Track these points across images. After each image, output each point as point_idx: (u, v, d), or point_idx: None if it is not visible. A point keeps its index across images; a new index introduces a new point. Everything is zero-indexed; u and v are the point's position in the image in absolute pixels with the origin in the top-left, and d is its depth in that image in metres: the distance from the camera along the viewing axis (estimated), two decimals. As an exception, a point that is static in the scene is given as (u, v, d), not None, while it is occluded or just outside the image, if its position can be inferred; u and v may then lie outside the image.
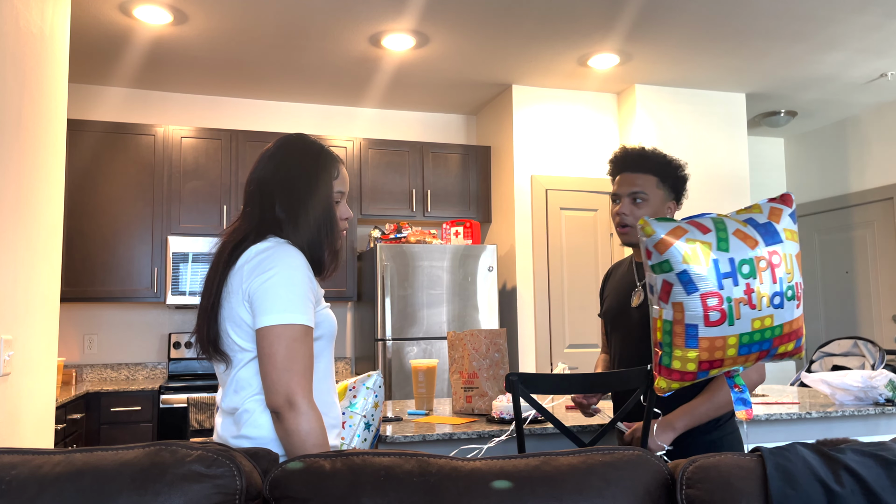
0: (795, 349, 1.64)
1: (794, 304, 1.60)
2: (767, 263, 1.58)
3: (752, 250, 1.59)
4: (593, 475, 1.24)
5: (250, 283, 1.49)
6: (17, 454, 1.22)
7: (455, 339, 2.74)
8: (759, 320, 1.57)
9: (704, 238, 1.60)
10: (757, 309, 1.57)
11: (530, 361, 4.95)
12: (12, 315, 2.19)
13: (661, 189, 2.11)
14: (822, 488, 1.22)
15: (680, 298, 1.58)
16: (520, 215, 5.03)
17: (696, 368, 1.61)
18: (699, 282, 1.57)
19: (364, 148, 5.12)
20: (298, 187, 1.58)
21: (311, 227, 1.58)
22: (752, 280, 1.57)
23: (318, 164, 1.61)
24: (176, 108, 5.17)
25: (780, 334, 1.59)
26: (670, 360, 1.62)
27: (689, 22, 4.09)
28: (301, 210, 1.57)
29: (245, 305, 1.50)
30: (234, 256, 1.53)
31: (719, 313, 1.57)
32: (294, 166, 1.60)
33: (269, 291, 1.47)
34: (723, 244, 1.60)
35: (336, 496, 1.20)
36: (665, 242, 1.60)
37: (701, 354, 1.59)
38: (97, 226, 4.58)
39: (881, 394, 2.77)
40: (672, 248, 1.59)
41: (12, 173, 2.18)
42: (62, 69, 2.68)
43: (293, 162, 1.61)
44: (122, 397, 4.26)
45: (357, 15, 3.93)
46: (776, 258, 1.59)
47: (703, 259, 1.58)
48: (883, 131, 5.64)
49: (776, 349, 1.61)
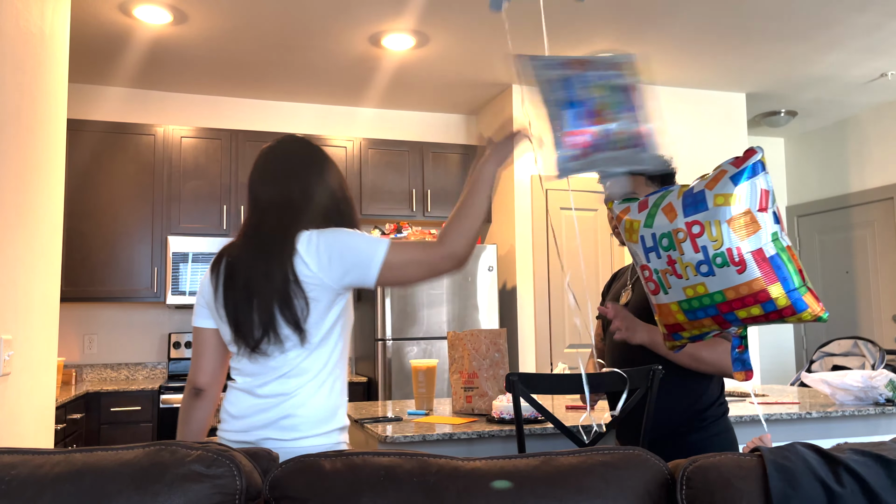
0: (771, 312, 1.62)
1: (732, 269, 1.62)
2: (686, 234, 1.64)
3: (671, 223, 1.65)
4: (593, 475, 1.24)
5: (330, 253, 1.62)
6: (17, 454, 1.22)
7: (455, 339, 2.74)
8: (691, 288, 1.63)
9: (637, 216, 1.70)
10: (684, 278, 1.63)
11: (530, 361, 4.95)
12: (12, 315, 2.19)
13: (650, 186, 2.15)
14: (822, 488, 1.22)
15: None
16: (520, 215, 5.04)
17: (665, 331, 1.69)
18: (636, 256, 1.68)
19: (364, 148, 5.12)
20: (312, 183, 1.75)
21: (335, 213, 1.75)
22: (672, 252, 1.65)
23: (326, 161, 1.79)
24: (176, 108, 5.17)
25: (723, 300, 1.62)
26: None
27: (689, 22, 4.09)
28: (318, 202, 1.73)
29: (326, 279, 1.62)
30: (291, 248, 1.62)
31: (653, 284, 1.66)
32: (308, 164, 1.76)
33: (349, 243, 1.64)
34: (649, 220, 1.68)
35: (336, 496, 1.20)
36: (617, 219, 1.71)
37: (661, 319, 1.67)
38: (97, 226, 4.58)
39: (881, 394, 2.77)
40: (620, 225, 1.71)
41: (12, 173, 2.18)
42: (62, 69, 2.68)
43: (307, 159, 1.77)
44: (122, 397, 4.26)
45: (357, 15, 3.93)
46: (696, 228, 1.64)
47: (635, 236, 1.69)
48: (883, 131, 5.64)
49: (733, 314, 1.64)
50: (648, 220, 1.68)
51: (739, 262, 1.61)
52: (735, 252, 1.62)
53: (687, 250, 1.64)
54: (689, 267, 1.63)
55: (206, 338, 1.75)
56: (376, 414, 2.70)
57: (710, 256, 1.63)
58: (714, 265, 1.63)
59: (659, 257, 1.65)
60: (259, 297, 1.61)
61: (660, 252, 1.65)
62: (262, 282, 1.61)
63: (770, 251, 1.59)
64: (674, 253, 1.65)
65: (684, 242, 1.64)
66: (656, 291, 1.66)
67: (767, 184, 1.64)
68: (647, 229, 1.67)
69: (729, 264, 1.62)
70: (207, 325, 1.75)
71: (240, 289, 1.63)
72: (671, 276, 1.65)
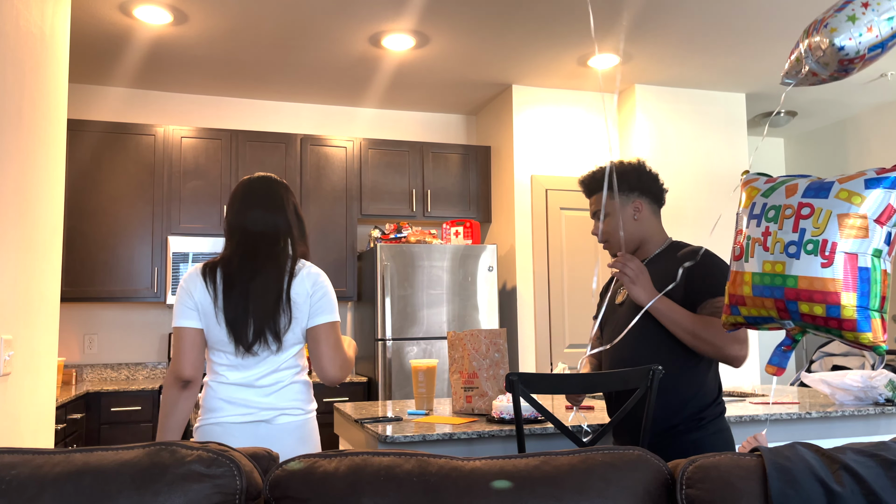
0: (832, 319, 1.58)
1: (818, 260, 1.59)
2: (793, 212, 1.62)
3: (786, 199, 1.65)
4: (593, 475, 1.25)
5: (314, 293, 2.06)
6: (17, 454, 1.23)
7: (455, 339, 2.74)
8: (770, 264, 1.63)
9: (761, 187, 1.72)
10: (770, 252, 1.63)
11: (530, 361, 4.95)
12: (12, 315, 2.19)
13: (614, 199, 2.23)
14: (822, 488, 1.22)
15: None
16: (520, 215, 5.03)
17: (728, 302, 1.68)
18: (739, 221, 1.70)
19: (364, 148, 5.12)
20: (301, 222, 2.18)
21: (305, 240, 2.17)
22: (772, 224, 1.65)
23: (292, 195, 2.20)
24: (176, 108, 5.17)
25: (794, 286, 1.60)
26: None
27: (689, 22, 4.09)
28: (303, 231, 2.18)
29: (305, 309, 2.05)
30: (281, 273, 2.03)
31: (739, 248, 1.66)
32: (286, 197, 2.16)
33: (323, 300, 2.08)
34: (768, 191, 1.69)
35: (336, 496, 1.20)
36: (742, 186, 1.73)
37: (730, 287, 1.67)
38: (97, 226, 4.58)
39: (881, 394, 2.77)
40: (743, 191, 1.73)
41: (12, 173, 2.18)
42: (62, 69, 2.68)
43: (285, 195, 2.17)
44: (122, 397, 4.26)
45: (357, 15, 3.93)
46: (806, 210, 1.62)
47: (748, 202, 1.71)
48: (883, 131, 5.64)
49: (795, 304, 1.61)
50: (768, 191, 1.70)
51: (829, 257, 1.58)
52: (829, 246, 1.59)
53: (786, 227, 1.63)
54: (780, 243, 1.62)
55: (191, 336, 2.03)
56: (376, 414, 2.70)
57: (804, 240, 1.61)
58: (804, 250, 1.60)
59: (758, 226, 1.66)
60: (255, 309, 1.97)
61: (760, 222, 1.67)
62: (260, 297, 1.98)
63: (865, 262, 1.57)
64: (773, 226, 1.64)
65: (788, 219, 1.63)
66: (739, 257, 1.68)
67: None
68: (762, 198, 1.69)
69: (817, 254, 1.59)
70: (194, 326, 2.03)
71: (240, 300, 1.98)
72: (759, 247, 1.65)
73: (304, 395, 2.08)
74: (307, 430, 2.06)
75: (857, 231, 1.57)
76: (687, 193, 5.18)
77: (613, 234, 2.23)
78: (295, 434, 2.02)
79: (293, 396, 2.05)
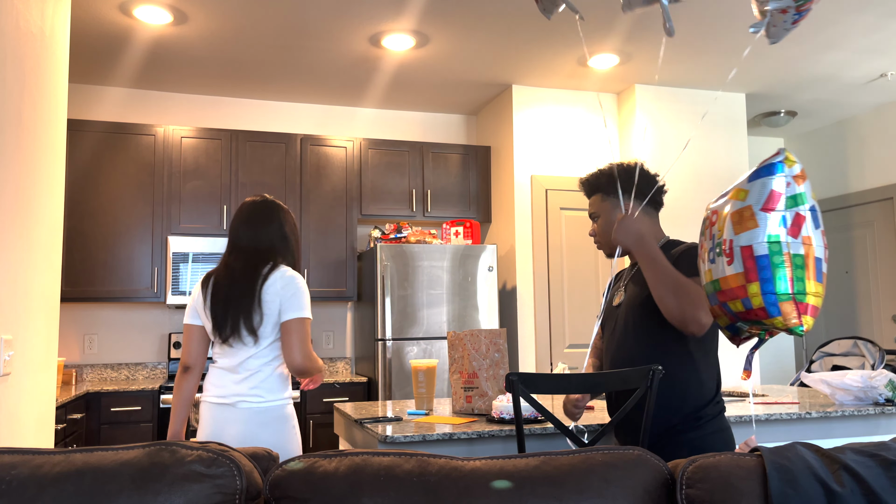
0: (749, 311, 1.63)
1: (724, 260, 1.67)
2: (708, 222, 1.71)
3: (708, 211, 1.74)
4: (593, 475, 1.24)
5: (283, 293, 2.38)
6: (17, 454, 1.22)
7: (455, 339, 2.74)
8: (707, 273, 1.70)
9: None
10: (704, 263, 1.71)
11: (530, 361, 4.95)
12: (12, 315, 2.19)
13: (606, 201, 2.28)
14: (822, 488, 1.22)
15: (809, 233, 1.64)
16: (520, 215, 5.03)
17: (819, 305, 1.64)
18: (820, 218, 1.65)
19: (364, 148, 5.12)
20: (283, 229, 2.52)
21: (294, 253, 2.52)
22: (703, 237, 1.73)
23: (288, 213, 2.55)
24: (176, 108, 5.17)
25: (719, 289, 1.68)
26: (804, 296, 1.63)
27: (690, 22, 4.09)
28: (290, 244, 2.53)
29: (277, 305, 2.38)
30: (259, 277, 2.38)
31: (827, 252, 1.68)
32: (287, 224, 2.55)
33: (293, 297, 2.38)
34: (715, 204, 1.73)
35: (336, 496, 1.20)
36: (803, 176, 1.68)
37: (822, 290, 1.63)
38: (97, 226, 4.58)
39: (881, 394, 2.77)
40: (807, 183, 1.67)
41: (12, 173, 2.18)
42: (62, 69, 2.68)
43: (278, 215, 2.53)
44: (122, 397, 4.26)
45: (357, 15, 3.93)
46: (714, 217, 1.72)
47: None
48: (882, 131, 5.64)
49: (727, 305, 1.67)
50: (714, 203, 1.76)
51: (730, 255, 1.64)
52: (728, 244, 1.65)
53: (707, 236, 1.71)
54: (706, 252, 1.70)
55: (194, 332, 2.47)
56: (376, 414, 2.70)
57: (715, 245, 1.68)
58: (716, 254, 1.68)
59: (700, 239, 1.73)
60: (232, 309, 2.35)
61: (700, 235, 1.73)
62: (236, 299, 2.35)
63: (761, 251, 1.61)
64: (704, 238, 1.72)
65: (708, 229, 1.71)
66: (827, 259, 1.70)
67: (787, 188, 1.63)
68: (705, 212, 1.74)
69: (723, 255, 1.66)
70: (196, 323, 2.47)
71: (220, 301, 2.37)
72: (700, 261, 1.72)
73: (271, 385, 2.35)
74: (269, 417, 2.32)
75: (747, 223, 1.62)
76: (687, 193, 5.18)
77: (603, 235, 2.29)
78: (254, 419, 2.30)
79: (259, 384, 2.34)
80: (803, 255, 1.62)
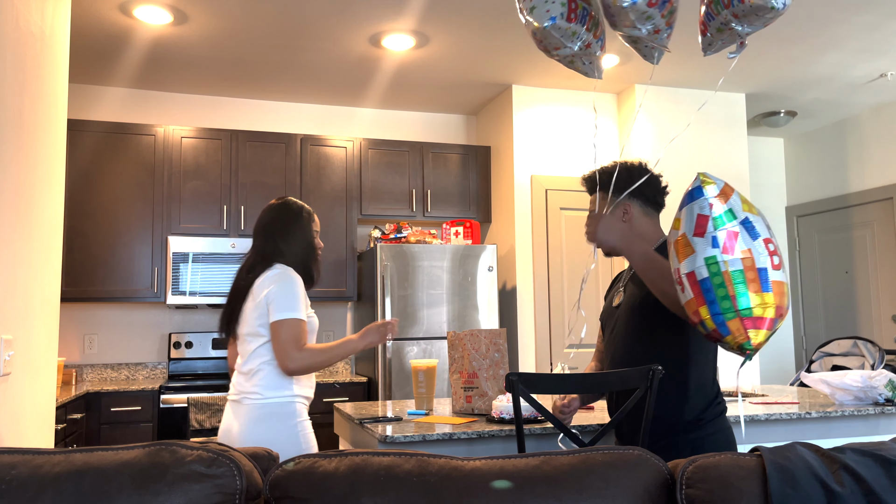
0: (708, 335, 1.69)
1: (678, 289, 1.76)
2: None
3: None
4: (593, 475, 1.25)
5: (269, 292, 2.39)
6: (17, 454, 1.23)
7: (455, 339, 2.74)
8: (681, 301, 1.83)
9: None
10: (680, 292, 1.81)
11: (530, 361, 4.95)
12: (12, 315, 2.19)
13: (603, 201, 2.29)
14: (822, 488, 1.22)
15: (747, 245, 1.65)
16: (520, 215, 5.04)
17: (774, 314, 1.65)
18: (759, 228, 1.67)
19: (364, 148, 5.12)
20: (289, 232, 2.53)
21: (300, 255, 2.50)
22: None
23: (301, 217, 2.55)
24: (176, 108, 5.17)
25: (687, 316, 1.79)
26: (750, 311, 1.64)
27: (690, 22, 4.09)
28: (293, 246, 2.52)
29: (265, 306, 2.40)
30: (255, 276, 2.43)
31: (778, 258, 1.66)
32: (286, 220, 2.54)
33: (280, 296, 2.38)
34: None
35: (336, 496, 1.20)
36: (726, 193, 1.70)
37: (775, 299, 1.64)
38: (97, 226, 4.58)
39: (881, 394, 2.77)
40: (733, 197, 1.69)
41: (12, 173, 2.18)
42: (62, 69, 2.68)
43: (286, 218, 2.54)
44: (122, 397, 4.26)
45: (357, 15, 3.93)
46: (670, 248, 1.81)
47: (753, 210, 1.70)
48: (882, 131, 5.64)
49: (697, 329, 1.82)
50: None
51: (681, 283, 1.70)
52: (676, 273, 1.72)
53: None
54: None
55: None
56: (376, 414, 2.70)
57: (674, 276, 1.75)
58: (676, 284, 1.73)
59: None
60: (229, 308, 2.48)
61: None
62: (233, 295, 2.47)
63: (702, 274, 1.64)
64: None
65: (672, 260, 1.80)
66: (779, 266, 1.73)
67: (710, 209, 1.67)
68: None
69: (677, 284, 1.72)
70: None
71: (228, 300, 2.51)
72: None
73: (267, 382, 2.38)
74: (265, 412, 2.33)
75: (685, 250, 1.67)
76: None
77: (594, 233, 2.27)
78: (251, 414, 2.33)
79: (259, 382, 2.38)
80: (742, 270, 1.63)
